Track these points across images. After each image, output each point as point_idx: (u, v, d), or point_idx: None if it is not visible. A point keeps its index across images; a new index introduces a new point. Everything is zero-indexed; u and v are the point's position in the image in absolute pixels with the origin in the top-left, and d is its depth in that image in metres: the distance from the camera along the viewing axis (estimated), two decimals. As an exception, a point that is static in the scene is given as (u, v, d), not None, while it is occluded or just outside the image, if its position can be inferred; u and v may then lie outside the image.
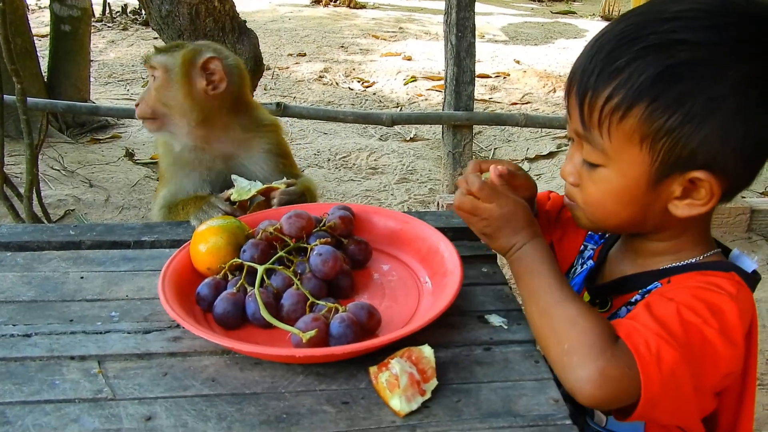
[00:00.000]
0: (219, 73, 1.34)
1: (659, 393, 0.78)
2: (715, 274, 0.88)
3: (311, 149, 4.07)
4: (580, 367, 0.79)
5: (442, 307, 0.89)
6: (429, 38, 7.06)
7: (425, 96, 5.19)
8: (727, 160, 0.82)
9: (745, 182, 0.88)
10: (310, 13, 8.10)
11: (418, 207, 3.35)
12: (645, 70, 0.80)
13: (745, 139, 0.81)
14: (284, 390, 0.82)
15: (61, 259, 1.13)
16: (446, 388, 0.82)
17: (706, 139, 0.80)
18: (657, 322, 0.80)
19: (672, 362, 0.78)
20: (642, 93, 0.81)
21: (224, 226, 1.03)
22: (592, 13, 8.72)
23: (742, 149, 0.82)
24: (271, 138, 1.43)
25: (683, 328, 0.79)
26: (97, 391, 0.82)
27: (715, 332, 0.80)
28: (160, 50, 1.38)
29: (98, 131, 4.26)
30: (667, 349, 0.78)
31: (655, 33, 0.81)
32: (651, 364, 0.77)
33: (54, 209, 3.04)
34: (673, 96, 0.80)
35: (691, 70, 0.79)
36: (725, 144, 0.81)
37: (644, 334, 0.79)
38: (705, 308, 0.81)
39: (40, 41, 5.00)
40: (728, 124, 0.80)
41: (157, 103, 1.35)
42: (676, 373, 0.78)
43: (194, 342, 0.90)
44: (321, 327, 0.85)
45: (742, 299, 0.85)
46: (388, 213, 1.17)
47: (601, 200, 0.91)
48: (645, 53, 0.81)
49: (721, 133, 0.80)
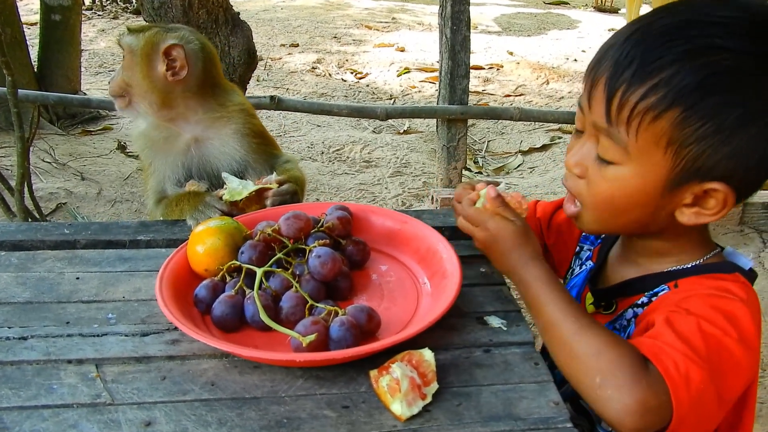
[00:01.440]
0: (180, 61, 1.33)
1: (687, 413, 0.77)
2: (722, 277, 0.89)
3: (305, 142, 4.05)
4: (617, 400, 0.76)
5: (441, 310, 0.89)
6: (422, 29, 7.03)
7: (418, 88, 5.17)
8: (747, 174, 0.82)
9: (749, 194, 0.88)
10: (303, 3, 8.04)
11: (413, 201, 3.34)
12: (687, 75, 0.78)
13: (764, 156, 0.82)
14: (284, 394, 0.82)
15: (56, 258, 1.12)
16: (447, 392, 0.82)
17: (733, 152, 0.80)
18: (681, 340, 0.79)
19: (700, 382, 0.77)
20: (680, 98, 0.79)
21: (222, 227, 1.02)
22: (585, 4, 8.71)
23: (759, 164, 0.82)
24: (239, 118, 1.42)
25: (705, 343, 0.79)
26: (96, 395, 0.81)
27: (734, 342, 0.80)
28: (131, 30, 1.39)
29: (89, 123, 4.22)
30: (695, 370, 0.77)
31: (699, 36, 0.79)
32: (681, 387, 0.76)
33: (45, 202, 3.01)
34: (710, 105, 0.78)
35: (731, 81, 0.78)
36: (749, 159, 0.81)
37: (672, 355, 0.78)
38: (723, 318, 0.81)
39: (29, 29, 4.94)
40: (755, 139, 0.80)
41: (123, 81, 1.38)
42: (703, 393, 0.77)
43: (193, 345, 0.90)
44: (321, 330, 0.85)
45: (751, 302, 0.86)
46: (386, 212, 1.16)
47: (610, 198, 0.89)
48: (688, 57, 0.79)
49: (748, 148, 0.80)
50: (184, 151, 1.40)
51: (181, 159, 1.40)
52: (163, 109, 1.37)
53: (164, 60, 1.33)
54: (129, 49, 1.36)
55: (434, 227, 1.11)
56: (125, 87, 1.38)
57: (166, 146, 1.40)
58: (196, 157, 1.40)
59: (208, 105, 1.40)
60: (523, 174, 3.86)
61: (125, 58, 1.37)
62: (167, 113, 1.38)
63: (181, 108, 1.38)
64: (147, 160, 1.44)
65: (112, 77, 1.41)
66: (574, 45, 6.42)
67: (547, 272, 0.90)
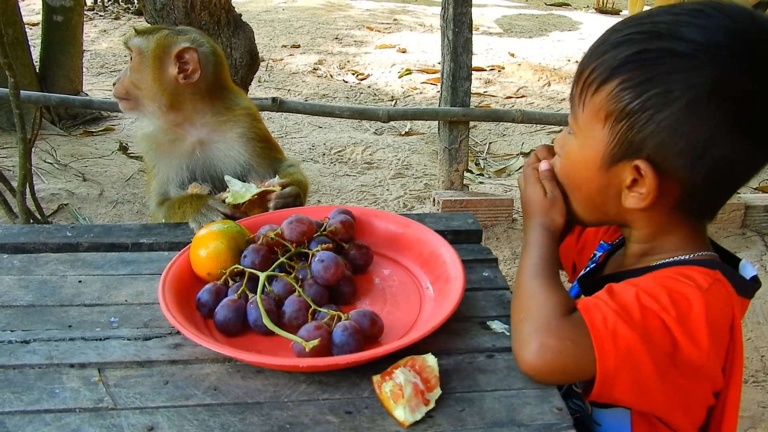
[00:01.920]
0: (193, 64, 1.34)
1: (615, 370, 0.79)
2: (694, 268, 0.87)
3: (306, 143, 4.05)
4: (525, 337, 0.84)
5: (444, 315, 0.89)
6: (423, 30, 7.02)
7: (420, 89, 5.17)
8: (675, 160, 0.83)
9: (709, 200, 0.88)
10: (304, 4, 8.04)
11: (414, 203, 3.34)
12: (624, 50, 0.83)
13: (694, 146, 0.81)
14: (287, 399, 0.82)
15: (59, 261, 1.12)
16: (450, 397, 0.82)
17: (657, 131, 0.82)
18: (617, 302, 0.82)
19: (628, 340, 0.79)
20: (615, 71, 0.83)
21: (225, 230, 1.02)
22: (586, 5, 8.71)
23: (693, 155, 0.82)
24: (244, 122, 1.42)
25: (641, 313, 0.81)
26: (98, 400, 0.81)
27: (672, 320, 0.80)
28: (138, 32, 1.38)
29: (91, 123, 4.22)
30: (623, 327, 0.79)
31: (652, 22, 0.84)
32: (606, 339, 0.79)
33: (47, 203, 3.01)
34: (639, 79, 0.82)
35: (663, 59, 0.81)
36: (673, 142, 0.82)
37: (603, 310, 0.81)
38: (666, 295, 0.82)
39: (30, 29, 4.94)
40: (678, 123, 0.81)
41: (129, 83, 1.37)
42: (633, 353, 0.79)
43: (195, 349, 0.89)
44: (324, 335, 0.85)
45: (714, 295, 0.84)
46: (389, 216, 1.16)
47: (567, 172, 0.95)
48: (635, 36, 0.84)
49: (671, 129, 0.81)
50: (189, 153, 1.40)
51: (185, 161, 1.40)
52: (171, 111, 1.37)
53: (176, 63, 1.33)
54: (138, 51, 1.35)
55: (437, 231, 1.11)
56: (132, 89, 1.37)
57: (170, 148, 1.40)
58: (201, 160, 1.40)
59: (215, 108, 1.40)
60: (524, 176, 3.85)
61: (134, 60, 1.36)
62: (175, 116, 1.38)
63: (188, 110, 1.38)
64: (150, 162, 1.43)
65: (118, 78, 1.40)
66: (576, 46, 6.42)
67: (547, 243, 0.94)
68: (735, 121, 0.80)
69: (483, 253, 1.18)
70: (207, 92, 1.38)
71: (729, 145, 0.81)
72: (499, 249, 2.90)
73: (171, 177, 1.40)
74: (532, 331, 0.83)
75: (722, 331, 0.85)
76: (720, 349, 0.85)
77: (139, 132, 1.46)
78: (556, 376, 0.84)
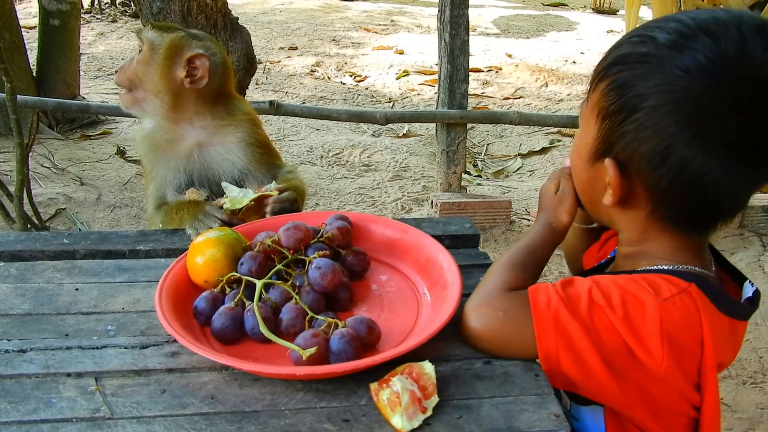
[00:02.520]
0: (202, 70, 1.35)
1: (557, 351, 0.83)
2: (664, 277, 0.86)
3: (304, 146, 4.05)
4: (467, 306, 0.92)
5: (442, 322, 0.89)
6: (421, 31, 7.03)
7: (417, 91, 5.18)
8: (639, 164, 0.84)
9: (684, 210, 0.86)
10: (301, 5, 8.04)
11: (412, 205, 3.34)
12: (619, 51, 0.87)
13: (655, 152, 0.82)
14: (284, 407, 0.81)
15: (56, 269, 1.12)
16: (447, 404, 0.82)
17: (626, 132, 0.84)
18: (567, 292, 0.85)
19: (570, 328, 0.82)
20: (608, 70, 0.87)
21: (221, 237, 1.02)
22: (583, 6, 8.72)
23: (654, 161, 0.83)
24: (245, 127, 1.43)
25: (588, 307, 0.83)
26: (95, 409, 0.81)
27: (619, 320, 0.81)
28: (155, 26, 1.39)
29: (88, 127, 4.22)
30: (567, 315, 0.83)
31: (651, 26, 0.85)
32: (547, 320, 0.84)
33: (45, 208, 3.01)
34: (622, 81, 0.84)
35: (643, 64, 0.82)
36: (636, 146, 0.84)
37: (549, 294, 0.86)
38: (618, 295, 0.83)
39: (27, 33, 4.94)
40: (642, 127, 0.82)
41: (134, 75, 1.37)
42: (575, 341, 0.82)
43: (192, 358, 0.89)
44: (321, 343, 0.85)
45: (675, 305, 0.82)
46: (386, 222, 1.16)
47: (570, 159, 1.00)
48: (633, 39, 0.86)
49: (635, 133, 0.83)
50: (187, 156, 1.40)
51: (183, 164, 1.40)
52: (172, 111, 1.37)
53: (185, 66, 1.34)
54: (150, 45, 1.35)
55: (434, 235, 1.11)
56: (136, 80, 1.37)
57: (168, 150, 1.40)
58: (198, 163, 1.40)
59: (216, 112, 1.40)
60: (522, 177, 3.86)
61: (144, 53, 1.36)
62: (175, 115, 1.38)
63: (189, 112, 1.38)
64: (149, 164, 1.43)
65: (122, 66, 1.40)
66: (573, 47, 6.43)
67: (542, 236, 0.99)
68: (697, 135, 0.80)
69: (480, 257, 1.18)
70: (210, 97, 1.39)
71: (692, 158, 0.80)
72: (497, 251, 2.90)
73: (169, 180, 1.40)
74: (474, 300, 0.92)
75: (687, 345, 0.83)
76: (683, 362, 0.83)
77: (138, 133, 1.46)
78: (491, 345, 0.89)
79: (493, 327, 0.89)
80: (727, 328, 0.88)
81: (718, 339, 0.86)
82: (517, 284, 0.92)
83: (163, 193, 1.41)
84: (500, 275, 0.94)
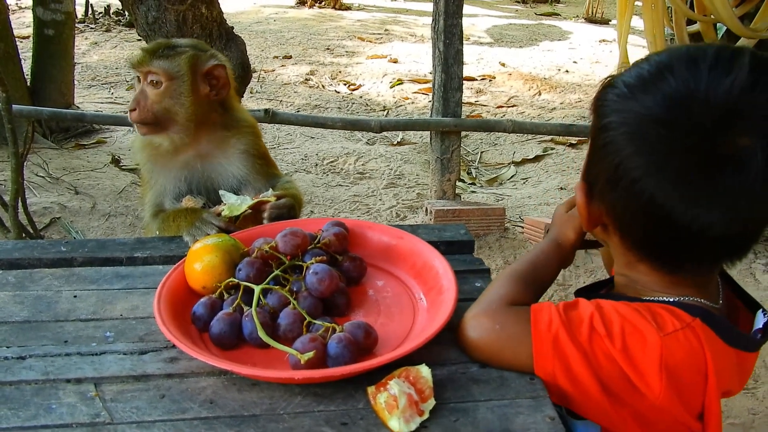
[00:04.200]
0: (222, 79, 1.37)
1: (553, 372, 0.85)
2: (669, 308, 0.86)
3: (298, 154, 4.07)
4: (467, 314, 0.92)
5: (438, 326, 0.90)
6: (414, 40, 7.07)
7: (411, 99, 5.20)
8: (601, 183, 0.87)
9: (650, 241, 0.87)
10: (295, 15, 8.08)
11: (407, 212, 3.36)
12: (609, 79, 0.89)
13: (611, 168, 0.83)
14: (283, 411, 0.82)
15: (54, 277, 1.13)
16: (443, 408, 0.83)
17: (590, 154, 0.90)
18: (569, 316, 0.86)
19: (569, 353, 0.83)
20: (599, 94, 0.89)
21: (219, 244, 1.03)
22: (575, 15, 8.79)
23: (609, 182, 0.85)
24: (247, 139, 1.44)
25: (588, 335, 0.84)
26: (95, 415, 0.81)
27: (617, 351, 0.82)
28: (153, 53, 1.35)
29: (83, 136, 4.22)
30: (566, 339, 0.84)
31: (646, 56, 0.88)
32: (546, 341, 0.85)
33: (39, 217, 3.00)
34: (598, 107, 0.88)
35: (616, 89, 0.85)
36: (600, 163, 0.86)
37: (551, 315, 0.86)
38: (618, 325, 0.83)
39: (21, 43, 4.94)
40: (602, 147, 0.85)
41: (161, 109, 1.34)
42: (572, 366, 0.83)
43: (191, 363, 0.90)
44: (318, 347, 0.86)
45: (678, 341, 0.82)
46: (382, 228, 1.17)
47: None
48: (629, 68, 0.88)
49: (595, 155, 0.88)
50: (188, 165, 1.40)
51: (184, 173, 1.40)
52: (196, 129, 1.38)
53: (206, 80, 1.36)
54: (168, 75, 1.33)
55: (430, 242, 1.12)
56: (162, 113, 1.34)
57: (169, 159, 1.41)
58: (199, 173, 1.41)
59: (223, 122, 1.42)
60: (516, 185, 3.88)
61: (165, 86, 1.34)
62: (194, 132, 1.38)
63: (205, 126, 1.40)
64: (147, 172, 1.43)
65: (136, 103, 1.34)
66: (566, 56, 6.48)
67: (547, 252, 1.03)
68: (640, 151, 0.81)
69: (475, 263, 1.19)
70: (220, 107, 1.42)
71: (638, 176, 0.80)
72: (491, 258, 2.92)
73: (168, 188, 1.41)
74: (474, 309, 0.93)
75: (689, 379, 0.83)
76: (684, 395, 0.84)
77: (136, 141, 1.45)
78: (486, 356, 0.90)
79: (488, 338, 0.90)
80: (735, 360, 0.88)
81: (724, 371, 0.86)
82: (517, 298, 0.93)
83: (160, 201, 1.41)
84: (502, 287, 0.95)
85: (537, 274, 1.00)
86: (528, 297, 0.95)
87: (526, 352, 0.86)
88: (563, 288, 2.65)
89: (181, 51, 1.37)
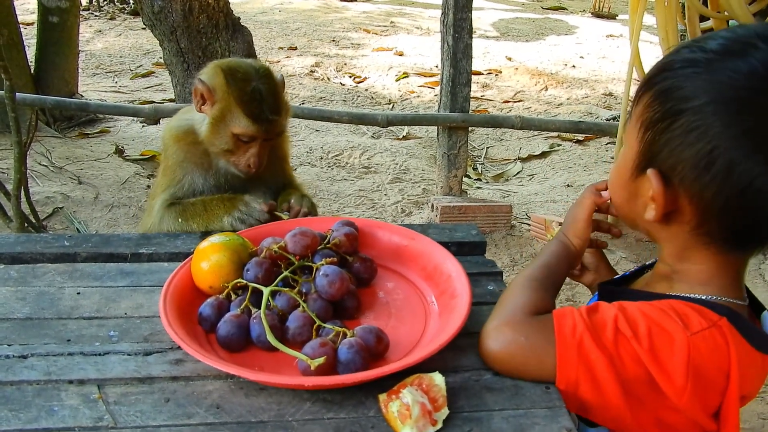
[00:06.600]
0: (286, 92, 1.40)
1: (576, 379, 0.82)
2: (695, 307, 0.84)
3: (303, 147, 4.03)
4: (489, 325, 0.89)
5: (452, 333, 0.88)
6: (420, 33, 7.02)
7: (417, 93, 5.16)
8: (683, 172, 0.81)
9: (730, 224, 0.82)
10: (300, 5, 8.02)
11: (412, 208, 3.33)
12: (663, 60, 0.85)
13: (700, 157, 0.79)
14: (291, 418, 0.80)
15: (57, 272, 1.10)
16: (457, 417, 0.81)
17: (669, 139, 0.81)
18: (593, 320, 0.84)
19: (594, 357, 0.81)
20: (651, 80, 0.85)
21: (227, 243, 1.00)
22: (582, 9, 8.72)
23: (699, 167, 0.79)
24: (284, 147, 1.46)
25: (614, 338, 0.81)
26: (98, 418, 0.79)
27: (644, 352, 0.80)
28: (267, 117, 1.31)
29: (86, 125, 4.19)
30: (591, 344, 0.81)
31: (700, 39, 0.84)
32: (571, 348, 0.82)
33: (42, 207, 2.98)
34: (664, 88, 0.82)
35: (685, 68, 0.81)
36: (680, 152, 0.81)
37: (575, 320, 0.84)
38: (645, 326, 0.81)
39: (25, 30, 4.90)
40: (686, 132, 0.80)
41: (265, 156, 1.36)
42: (596, 371, 0.81)
43: (197, 365, 0.88)
44: (329, 353, 0.83)
45: (705, 340, 0.81)
46: (393, 228, 1.15)
47: (610, 178, 0.97)
48: (677, 48, 0.85)
49: (680, 138, 0.80)
50: (221, 166, 1.37)
51: (212, 172, 1.37)
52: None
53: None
54: (278, 131, 1.35)
55: (440, 242, 1.10)
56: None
57: (203, 157, 1.37)
58: (230, 175, 1.37)
59: None
60: (522, 181, 3.85)
61: (278, 137, 1.37)
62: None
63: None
64: (175, 164, 1.38)
65: (252, 162, 1.32)
66: (572, 51, 6.43)
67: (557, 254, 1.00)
68: (745, 133, 0.76)
69: (487, 265, 1.16)
70: None
71: (739, 160, 0.77)
72: (497, 256, 2.89)
73: (198, 184, 1.37)
74: (496, 320, 0.89)
75: (712, 378, 0.82)
76: (706, 395, 0.82)
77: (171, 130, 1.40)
78: (510, 368, 0.87)
79: (513, 350, 0.86)
80: (759, 363, 0.86)
81: (747, 373, 0.84)
82: (538, 305, 0.90)
83: (182, 194, 1.37)
84: (522, 295, 0.92)
85: (552, 277, 0.98)
86: (547, 304, 0.92)
87: (551, 362, 0.84)
88: (570, 287, 2.63)
89: (271, 96, 1.34)
